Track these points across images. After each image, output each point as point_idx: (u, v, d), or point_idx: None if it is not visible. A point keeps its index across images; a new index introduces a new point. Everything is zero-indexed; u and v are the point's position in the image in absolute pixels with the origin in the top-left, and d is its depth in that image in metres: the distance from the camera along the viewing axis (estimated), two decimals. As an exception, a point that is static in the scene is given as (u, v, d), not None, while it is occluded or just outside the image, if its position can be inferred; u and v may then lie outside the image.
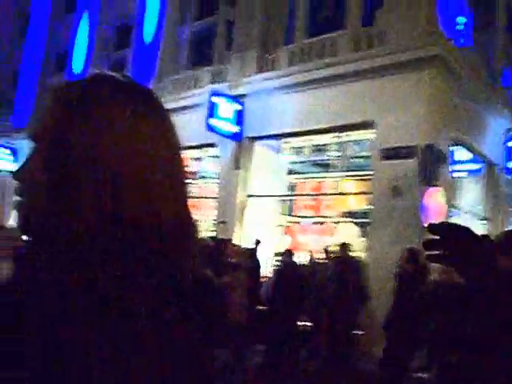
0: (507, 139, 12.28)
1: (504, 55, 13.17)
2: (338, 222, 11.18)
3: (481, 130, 11.41)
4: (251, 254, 9.46)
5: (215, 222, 12.37)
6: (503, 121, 12.24)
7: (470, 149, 11.24)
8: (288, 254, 8.84)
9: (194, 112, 12.68)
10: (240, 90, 12.35)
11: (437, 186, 9.14)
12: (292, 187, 12.42)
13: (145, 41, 15.51)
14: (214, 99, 11.95)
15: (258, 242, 10.02)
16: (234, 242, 9.96)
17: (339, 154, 11.31)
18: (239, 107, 12.25)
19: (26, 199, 0.83)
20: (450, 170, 10.35)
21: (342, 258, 8.12)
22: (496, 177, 12.04)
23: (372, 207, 10.07)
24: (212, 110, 11.87)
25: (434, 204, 9.07)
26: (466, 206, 11.18)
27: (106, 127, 0.80)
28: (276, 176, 12.29)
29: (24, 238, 0.84)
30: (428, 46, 9.65)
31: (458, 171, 11.22)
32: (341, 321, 7.74)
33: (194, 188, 13.72)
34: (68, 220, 0.77)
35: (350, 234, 10.93)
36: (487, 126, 11.62)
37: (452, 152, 10.58)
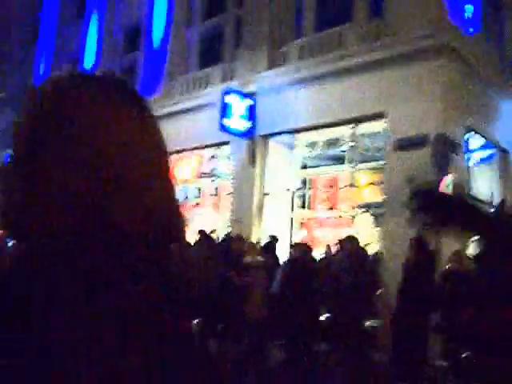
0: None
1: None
2: (355, 215, 11.24)
3: (494, 117, 11.38)
4: (270, 251, 9.56)
5: (231, 221, 12.47)
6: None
7: (483, 136, 11.22)
8: (298, 247, 8.80)
9: (206, 111, 12.82)
10: (251, 88, 12.43)
11: (449, 174, 9.15)
12: (307, 182, 12.50)
13: (154, 43, 15.65)
14: (227, 98, 12.05)
15: (275, 239, 10.10)
16: (252, 240, 10.10)
17: (352, 146, 11.36)
18: (251, 103, 12.33)
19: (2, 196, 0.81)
20: (464, 158, 10.36)
21: (351, 251, 8.10)
22: (509, 163, 12.00)
23: (386, 198, 10.11)
24: (224, 110, 11.97)
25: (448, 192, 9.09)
26: (480, 193, 11.16)
27: (86, 123, 0.77)
28: (290, 171, 12.36)
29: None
30: (437, 36, 9.67)
31: (473, 159, 11.21)
32: (354, 312, 7.72)
33: (210, 187, 13.87)
34: (46, 219, 0.76)
35: (366, 226, 11.00)
36: (501, 112, 11.59)
37: (466, 141, 10.58)
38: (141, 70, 16.02)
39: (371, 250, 9.93)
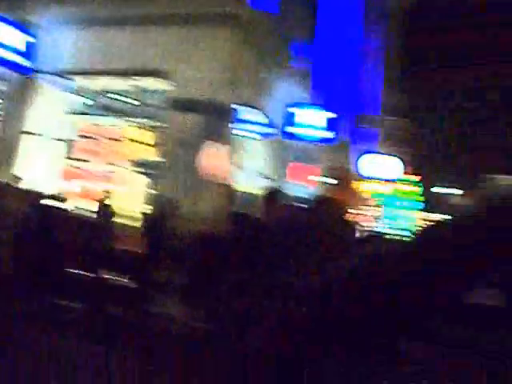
0: (290, 105, 13.06)
1: (298, 23, 13.94)
2: (125, 170, 10.99)
3: (269, 94, 11.97)
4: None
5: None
6: (289, 87, 12.99)
7: (256, 111, 11.74)
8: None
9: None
10: (31, 19, 11.28)
11: (220, 142, 9.40)
12: (77, 130, 11.79)
13: None
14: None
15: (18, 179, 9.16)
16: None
17: (131, 100, 11.04)
18: (29, 37, 11.20)
19: None
20: (237, 129, 10.73)
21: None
22: (279, 139, 12.80)
23: (160, 158, 10.05)
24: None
25: (217, 159, 9.34)
26: (251, 165, 11.73)
27: None
28: (63, 117, 11.58)
29: None
30: (225, 4, 9.76)
31: (245, 131, 11.67)
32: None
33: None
34: None
35: (136, 183, 10.84)
36: (275, 90, 12.22)
37: (240, 112, 10.94)
38: None
39: (140, 207, 9.84)
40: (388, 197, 18.45)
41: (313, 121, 13.02)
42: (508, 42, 22.25)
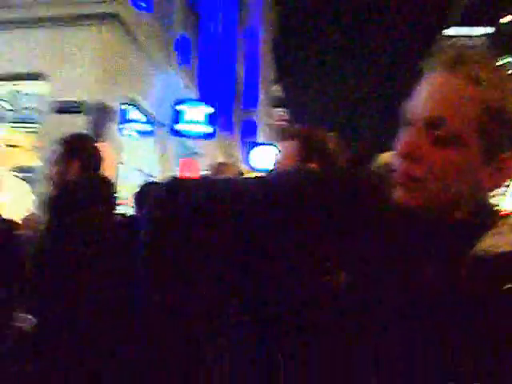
0: (176, 102, 13.19)
1: (180, 22, 14.07)
2: (5, 177, 10.56)
3: (153, 92, 12.02)
4: None
5: None
6: (174, 84, 13.12)
7: (141, 109, 11.75)
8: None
9: None
10: None
11: (105, 143, 9.33)
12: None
13: None
14: None
15: None
16: None
17: (8, 104, 10.63)
18: None
19: None
20: (121, 128, 10.69)
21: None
22: (164, 137, 12.88)
23: (40, 163, 9.78)
24: None
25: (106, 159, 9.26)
26: (136, 163, 11.71)
27: None
28: None
29: None
30: (105, 3, 9.70)
31: (130, 130, 11.64)
32: None
33: None
34: None
35: (19, 191, 10.45)
36: (159, 88, 12.29)
37: (124, 111, 10.91)
38: None
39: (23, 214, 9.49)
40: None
41: (198, 117, 13.22)
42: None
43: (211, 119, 13.38)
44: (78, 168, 2.76)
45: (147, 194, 2.83)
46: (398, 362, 0.93)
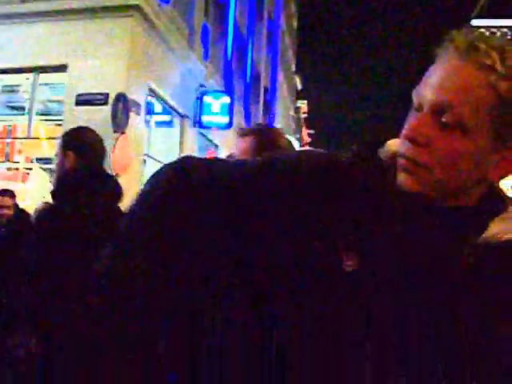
0: (201, 94, 13.22)
1: (201, 12, 14.07)
2: (30, 168, 10.71)
3: (175, 83, 12.04)
4: None
5: None
6: (196, 75, 13.13)
7: (163, 99, 11.79)
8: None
9: None
10: None
11: (124, 133, 9.37)
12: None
13: None
14: None
15: None
16: None
17: (33, 96, 10.73)
18: None
19: None
20: (144, 120, 10.74)
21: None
22: (185, 128, 12.93)
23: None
24: None
25: (122, 152, 9.31)
26: (159, 155, 11.76)
27: None
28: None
29: None
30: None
31: (153, 122, 11.70)
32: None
33: None
34: None
35: (41, 181, 10.58)
36: (181, 79, 12.32)
37: (148, 102, 10.96)
38: None
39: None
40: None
41: (221, 108, 13.26)
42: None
43: (230, 109, 13.41)
44: (73, 159, 2.86)
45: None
46: (391, 335, 0.95)
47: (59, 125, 10.32)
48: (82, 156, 2.86)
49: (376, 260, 0.98)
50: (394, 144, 1.04)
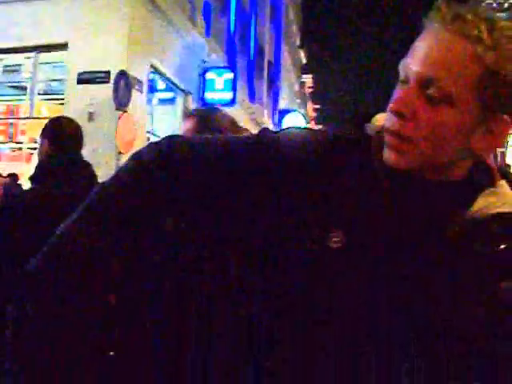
0: (204, 70, 13.10)
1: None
2: (34, 149, 10.68)
3: (177, 60, 11.93)
4: None
5: None
6: (200, 52, 13.01)
7: (166, 78, 11.69)
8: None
9: None
10: None
11: (127, 111, 9.31)
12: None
13: None
14: None
15: None
16: None
17: (34, 76, 10.66)
18: None
19: None
20: (147, 97, 10.67)
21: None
22: (191, 106, 12.84)
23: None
24: None
25: (125, 130, 9.26)
26: (162, 132, 11.71)
27: None
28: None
29: None
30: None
31: (155, 99, 11.63)
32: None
33: None
34: None
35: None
36: (183, 56, 12.20)
37: (151, 80, 10.88)
38: None
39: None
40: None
41: (224, 84, 13.17)
42: None
43: (234, 86, 13.31)
44: (47, 147, 2.94)
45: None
46: (360, 309, 0.96)
47: (62, 104, 10.28)
48: (56, 144, 2.93)
49: (362, 236, 0.96)
50: (381, 118, 1.02)
